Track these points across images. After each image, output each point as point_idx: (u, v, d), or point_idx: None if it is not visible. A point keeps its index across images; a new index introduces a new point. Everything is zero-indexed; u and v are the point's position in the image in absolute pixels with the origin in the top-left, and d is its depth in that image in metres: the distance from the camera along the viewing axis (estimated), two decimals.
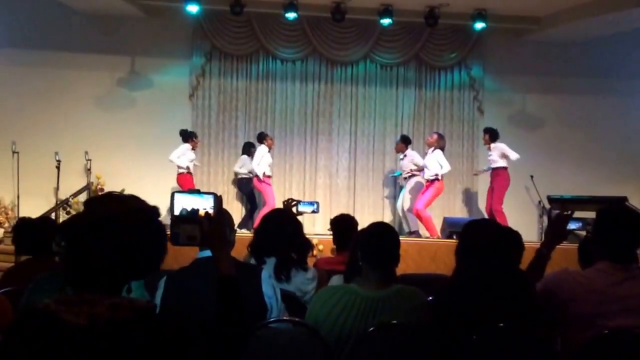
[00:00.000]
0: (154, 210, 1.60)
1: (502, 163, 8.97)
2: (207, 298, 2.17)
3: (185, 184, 8.94)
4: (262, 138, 9.37)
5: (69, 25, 9.91)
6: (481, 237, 2.72)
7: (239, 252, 2.73)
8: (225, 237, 1.79)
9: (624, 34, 10.09)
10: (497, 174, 9.00)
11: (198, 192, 1.93)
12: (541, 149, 10.38)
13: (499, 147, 9.02)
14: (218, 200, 1.86)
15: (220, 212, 1.85)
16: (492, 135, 9.12)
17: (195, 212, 1.79)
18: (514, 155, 8.91)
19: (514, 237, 3.30)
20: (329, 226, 5.06)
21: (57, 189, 9.30)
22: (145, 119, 9.97)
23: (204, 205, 1.85)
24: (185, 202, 1.86)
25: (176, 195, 1.88)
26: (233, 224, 1.89)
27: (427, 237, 8.71)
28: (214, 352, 1.60)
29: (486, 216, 9.04)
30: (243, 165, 9.47)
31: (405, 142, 9.48)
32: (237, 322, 1.70)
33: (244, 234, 7.66)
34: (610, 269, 2.61)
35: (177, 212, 1.83)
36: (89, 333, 1.40)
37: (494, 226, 2.72)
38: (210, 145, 10.35)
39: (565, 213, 2.91)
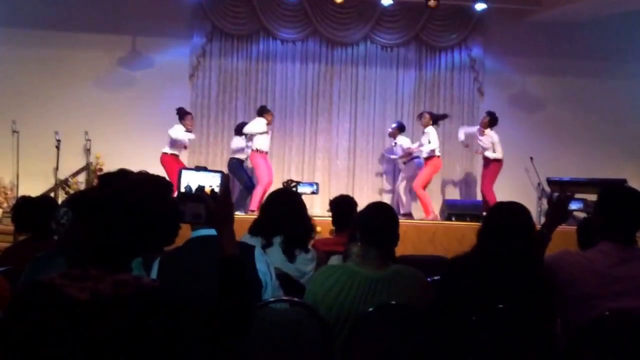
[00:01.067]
0: (168, 184, 1.61)
1: (491, 154, 8.99)
2: (202, 277, 2.18)
3: (169, 166, 8.49)
4: (262, 112, 9.13)
5: (69, 5, 9.83)
6: (504, 220, 2.68)
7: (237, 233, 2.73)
8: (231, 216, 1.78)
9: (626, 15, 10.01)
10: (489, 162, 9.02)
11: (205, 169, 1.92)
12: (541, 130, 10.36)
13: (493, 136, 9.02)
14: (225, 178, 1.85)
15: (227, 191, 1.84)
16: (492, 121, 9.11)
17: (201, 189, 1.79)
18: (498, 153, 8.91)
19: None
20: (327, 207, 5.06)
21: (57, 169, 9.28)
22: (145, 98, 9.92)
23: (211, 182, 1.84)
24: (192, 179, 1.85)
25: (184, 172, 1.88)
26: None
27: (422, 219, 8.72)
28: (216, 331, 1.60)
29: (479, 198, 9.10)
30: (236, 146, 9.29)
31: (400, 129, 9.53)
32: (241, 302, 1.70)
33: (239, 216, 7.67)
34: (611, 249, 2.60)
35: (182, 190, 1.83)
36: (91, 308, 1.41)
37: (519, 210, 2.71)
38: (210, 125, 10.32)
39: (566, 194, 2.90)
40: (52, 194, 8.51)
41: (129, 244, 1.52)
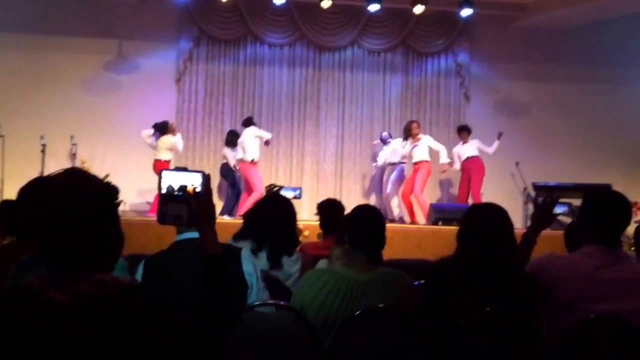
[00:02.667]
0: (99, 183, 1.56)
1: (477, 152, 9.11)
2: (187, 280, 2.16)
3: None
4: (249, 123, 9.24)
5: (56, 9, 9.78)
6: (482, 222, 2.67)
7: (222, 239, 2.73)
8: (213, 216, 1.78)
9: (610, 22, 10.14)
10: (474, 162, 9.12)
11: (185, 169, 1.90)
12: (527, 136, 10.45)
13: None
14: (206, 178, 1.84)
15: (208, 191, 1.84)
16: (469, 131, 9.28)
17: (183, 188, 1.78)
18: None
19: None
20: (315, 211, 5.06)
21: (42, 173, 9.19)
22: (132, 103, 9.89)
23: (192, 182, 1.83)
24: (173, 180, 1.84)
25: (164, 173, 1.86)
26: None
27: (413, 223, 8.76)
28: (199, 330, 1.60)
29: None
30: (228, 155, 9.30)
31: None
32: (225, 301, 1.70)
33: (227, 221, 7.66)
34: (597, 252, 2.61)
35: (164, 190, 1.81)
36: (72, 310, 1.39)
37: (497, 211, 2.70)
38: (197, 130, 10.30)
39: (551, 198, 2.92)
40: None
41: (96, 243, 1.49)
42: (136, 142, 9.48)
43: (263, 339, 2.49)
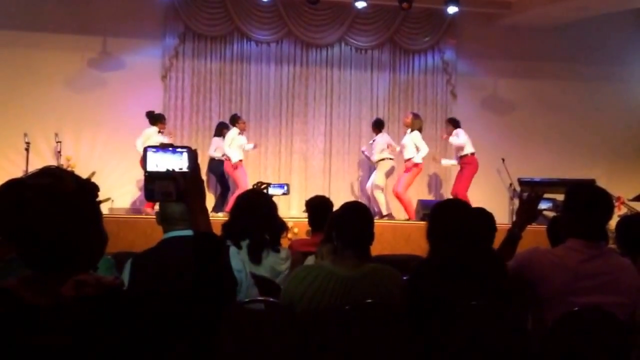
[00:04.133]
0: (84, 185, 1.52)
1: (468, 149, 9.05)
2: (175, 278, 2.16)
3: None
4: (234, 121, 9.26)
5: (38, 4, 9.67)
6: (450, 219, 2.70)
7: None
8: (203, 192, 1.74)
9: (595, 19, 10.21)
10: (466, 160, 9.08)
11: (171, 146, 1.87)
12: (512, 132, 10.52)
13: (458, 132, 9.09)
14: (193, 154, 1.82)
15: (196, 167, 1.81)
16: (455, 123, 9.20)
17: (170, 171, 1.75)
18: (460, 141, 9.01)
19: (487, 218, 3.35)
20: (304, 208, 5.07)
21: (26, 171, 9.11)
22: (117, 100, 9.78)
23: (178, 162, 1.80)
24: (159, 160, 1.81)
25: (149, 151, 1.83)
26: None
27: (406, 219, 8.78)
28: (187, 324, 1.58)
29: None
30: (217, 148, 9.33)
31: (376, 126, 9.51)
32: (217, 282, 1.67)
33: (217, 217, 7.64)
34: (580, 246, 2.64)
35: (149, 169, 1.78)
36: (54, 312, 1.37)
37: (463, 207, 2.72)
38: (184, 127, 10.24)
39: (536, 194, 2.95)
40: None
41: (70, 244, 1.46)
42: (122, 140, 9.42)
43: (252, 335, 2.50)
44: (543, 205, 7.11)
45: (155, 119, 8.94)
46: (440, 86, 10.81)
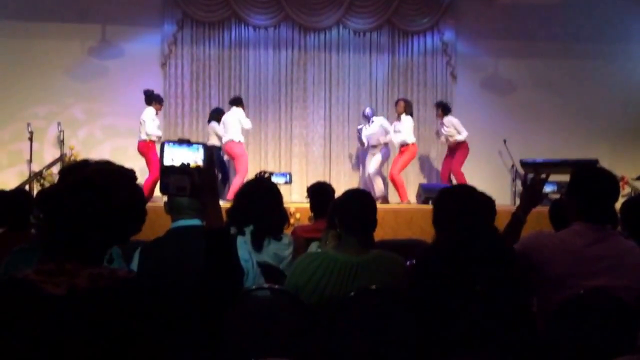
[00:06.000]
0: (130, 173, 1.60)
1: (459, 137, 9.03)
2: (183, 267, 2.18)
3: (150, 153, 8.34)
4: (238, 102, 8.99)
5: None
6: (457, 204, 2.66)
7: None
8: (216, 188, 1.78)
9: None
10: (458, 146, 9.07)
11: (188, 142, 1.91)
12: (514, 113, 10.47)
13: (452, 121, 9.08)
14: (208, 150, 1.85)
15: (211, 163, 1.83)
16: (445, 109, 9.18)
17: (185, 165, 1.78)
18: (464, 134, 8.98)
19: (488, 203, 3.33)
20: (305, 194, 5.08)
21: (30, 161, 9.17)
22: (118, 88, 9.82)
23: (194, 157, 1.84)
24: (175, 154, 1.84)
25: (166, 146, 1.87)
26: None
27: (398, 203, 8.80)
28: (198, 314, 1.61)
29: (454, 182, 9.18)
30: (214, 134, 9.21)
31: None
32: (228, 276, 1.70)
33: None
34: (585, 229, 2.62)
35: (166, 163, 1.82)
36: (69, 303, 1.40)
37: (470, 191, 2.70)
38: (184, 114, 10.25)
39: (541, 177, 2.93)
40: (26, 187, 8.39)
41: (95, 235, 1.50)
42: (123, 127, 9.45)
43: (258, 322, 2.52)
44: (547, 189, 7.07)
45: (153, 99, 8.72)
46: (440, 68, 10.75)
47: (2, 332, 1.38)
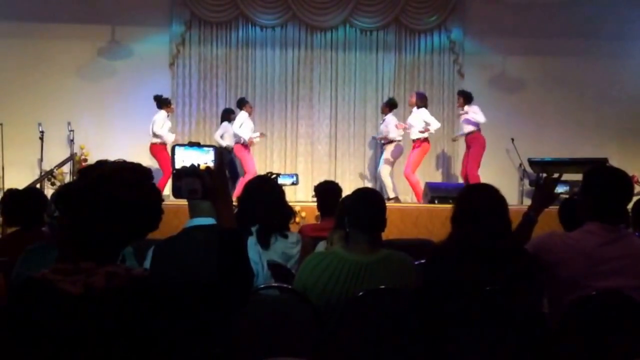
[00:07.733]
0: (147, 171, 1.62)
1: (475, 127, 8.90)
2: (196, 266, 2.20)
3: (162, 156, 8.59)
4: (242, 104, 9.25)
5: None
6: (482, 203, 2.64)
7: None
8: (228, 190, 1.79)
9: None
10: (473, 137, 8.95)
11: (198, 145, 1.93)
12: (522, 111, 10.42)
13: (473, 109, 8.94)
14: (219, 153, 1.87)
15: (222, 165, 1.85)
16: (467, 98, 9.05)
17: (195, 167, 1.80)
18: (481, 119, 8.84)
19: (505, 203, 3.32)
20: (311, 193, 5.09)
21: (41, 160, 9.26)
22: (127, 88, 9.92)
23: (205, 159, 1.86)
24: (186, 157, 1.87)
25: (177, 149, 1.89)
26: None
27: (414, 202, 8.74)
28: (211, 313, 1.63)
29: (461, 181, 9.11)
30: (225, 133, 9.31)
31: (388, 106, 9.29)
32: (241, 277, 1.71)
33: None
34: (598, 230, 2.61)
35: (177, 166, 1.84)
36: (86, 302, 1.41)
37: (495, 191, 2.69)
38: (192, 114, 10.31)
39: (554, 176, 2.91)
40: (37, 185, 8.45)
41: (111, 233, 1.52)
42: (132, 128, 9.51)
43: (267, 321, 2.53)
44: (559, 189, 7.00)
45: (162, 102, 8.95)
46: (447, 66, 10.71)
47: (22, 332, 1.41)
